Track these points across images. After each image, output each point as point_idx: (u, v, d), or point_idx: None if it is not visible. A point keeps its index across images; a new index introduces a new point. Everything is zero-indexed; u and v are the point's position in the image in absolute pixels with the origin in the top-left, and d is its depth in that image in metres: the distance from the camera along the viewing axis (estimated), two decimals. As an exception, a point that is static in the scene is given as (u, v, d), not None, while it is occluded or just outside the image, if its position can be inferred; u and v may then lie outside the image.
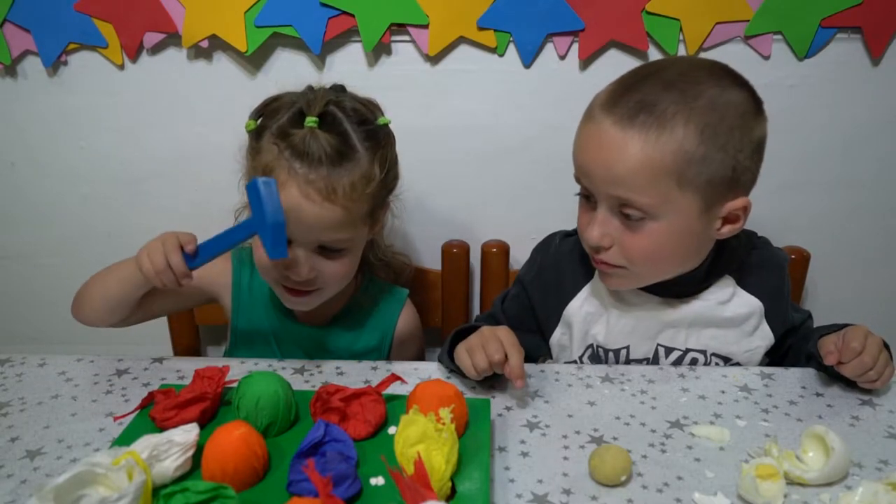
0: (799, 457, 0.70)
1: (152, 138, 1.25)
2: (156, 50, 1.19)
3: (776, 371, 0.89)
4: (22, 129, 1.26)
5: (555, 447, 0.74)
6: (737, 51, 1.14)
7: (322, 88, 0.93)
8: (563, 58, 1.17)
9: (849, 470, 0.69)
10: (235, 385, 0.75)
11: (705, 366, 0.92)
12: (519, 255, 1.21)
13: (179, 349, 1.30)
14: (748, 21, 1.12)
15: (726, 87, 0.79)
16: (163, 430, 0.69)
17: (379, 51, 1.17)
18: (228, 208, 1.05)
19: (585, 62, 1.17)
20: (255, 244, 0.92)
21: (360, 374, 0.88)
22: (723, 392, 0.84)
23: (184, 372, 0.89)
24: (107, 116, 1.24)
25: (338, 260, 0.92)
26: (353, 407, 0.73)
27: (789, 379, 0.87)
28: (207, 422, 0.74)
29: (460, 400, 0.72)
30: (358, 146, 0.88)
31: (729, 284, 0.92)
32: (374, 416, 0.72)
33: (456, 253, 1.24)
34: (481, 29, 1.14)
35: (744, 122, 0.79)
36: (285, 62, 1.18)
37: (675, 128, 0.76)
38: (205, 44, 1.16)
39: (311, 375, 0.88)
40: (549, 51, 1.16)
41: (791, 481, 0.67)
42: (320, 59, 1.18)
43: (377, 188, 0.90)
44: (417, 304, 1.13)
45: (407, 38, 1.16)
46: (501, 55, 1.17)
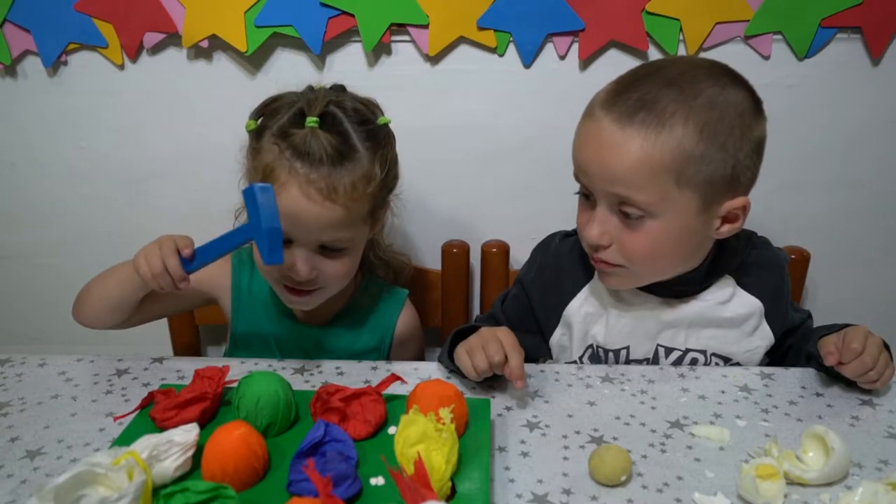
0: (799, 457, 0.70)
1: (152, 138, 1.25)
2: (156, 50, 1.19)
3: (776, 371, 0.89)
4: (22, 129, 1.26)
5: (555, 447, 0.74)
6: (737, 51, 1.14)
7: (322, 88, 0.93)
8: (563, 58, 1.17)
9: (849, 470, 0.69)
10: (235, 385, 0.75)
11: (705, 366, 0.92)
12: (519, 255, 1.21)
13: (179, 349, 1.30)
14: (748, 21, 1.12)
15: (725, 87, 0.79)
16: (163, 430, 0.69)
17: (379, 51, 1.17)
18: (228, 208, 1.05)
19: (585, 62, 1.17)
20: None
21: (360, 374, 0.88)
22: (723, 392, 0.84)
23: (184, 372, 0.89)
24: (107, 116, 1.24)
25: (338, 259, 0.92)
26: (353, 407, 0.73)
27: (789, 379, 0.87)
28: (207, 422, 0.74)
29: (460, 400, 0.72)
30: (358, 146, 0.88)
31: (729, 284, 0.92)
32: (374, 416, 0.72)
33: (456, 253, 1.24)
34: (481, 29, 1.14)
35: (743, 122, 0.79)
36: (285, 62, 1.18)
37: (675, 126, 0.76)
38: (205, 44, 1.16)
39: (311, 375, 0.88)
40: (549, 51, 1.16)
41: (791, 481, 0.67)
42: (320, 59, 1.18)
43: (378, 188, 0.90)
44: (417, 304, 1.13)
45: (407, 38, 1.16)
46: (501, 55, 1.17)
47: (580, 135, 0.84)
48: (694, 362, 0.93)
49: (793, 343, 0.97)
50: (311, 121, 0.86)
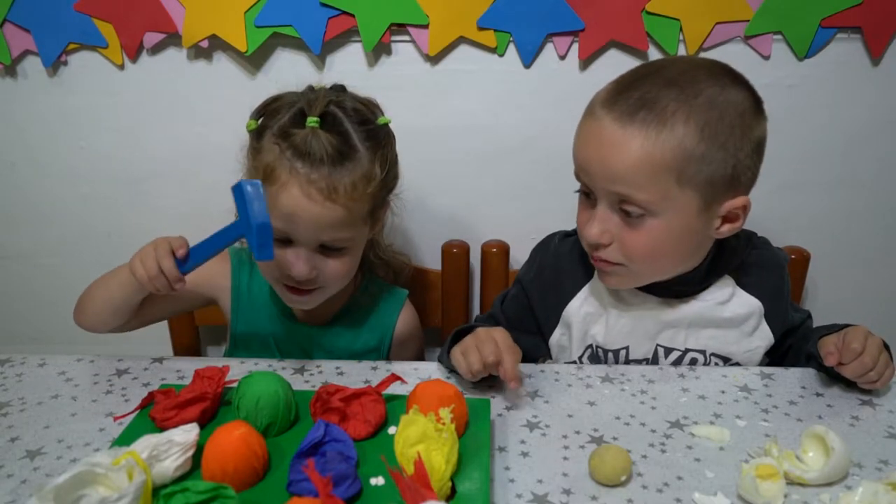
0: (799, 457, 0.70)
1: (152, 138, 1.25)
2: (156, 50, 1.19)
3: (776, 371, 0.89)
4: (22, 129, 1.26)
5: (555, 447, 0.74)
6: (737, 51, 1.14)
7: (323, 88, 0.93)
8: (563, 58, 1.17)
9: (849, 470, 0.69)
10: (235, 385, 0.75)
11: (705, 366, 0.92)
12: (519, 255, 1.21)
13: (179, 349, 1.30)
14: (748, 21, 1.12)
15: (726, 86, 0.79)
16: (163, 430, 0.69)
17: (379, 51, 1.17)
18: (228, 208, 1.04)
19: (585, 62, 1.17)
20: None
21: (360, 374, 0.88)
22: (723, 392, 0.84)
23: (184, 372, 0.89)
24: (107, 116, 1.24)
25: (338, 259, 0.92)
26: (353, 407, 0.73)
27: (789, 379, 0.87)
28: (207, 422, 0.74)
29: (460, 400, 0.72)
30: (359, 146, 0.88)
31: (728, 284, 0.92)
32: (374, 416, 0.72)
33: (456, 253, 1.24)
34: (481, 29, 1.14)
35: (743, 121, 0.79)
36: (285, 62, 1.18)
37: (676, 125, 0.76)
38: (205, 44, 1.16)
39: (311, 375, 0.88)
40: (549, 51, 1.16)
41: (791, 481, 0.67)
42: (320, 59, 1.18)
43: (378, 188, 0.90)
44: (417, 304, 1.13)
45: (407, 38, 1.16)
46: (501, 55, 1.17)
47: (581, 133, 0.85)
48: (693, 362, 0.93)
49: (793, 343, 0.97)
50: (312, 121, 0.86)
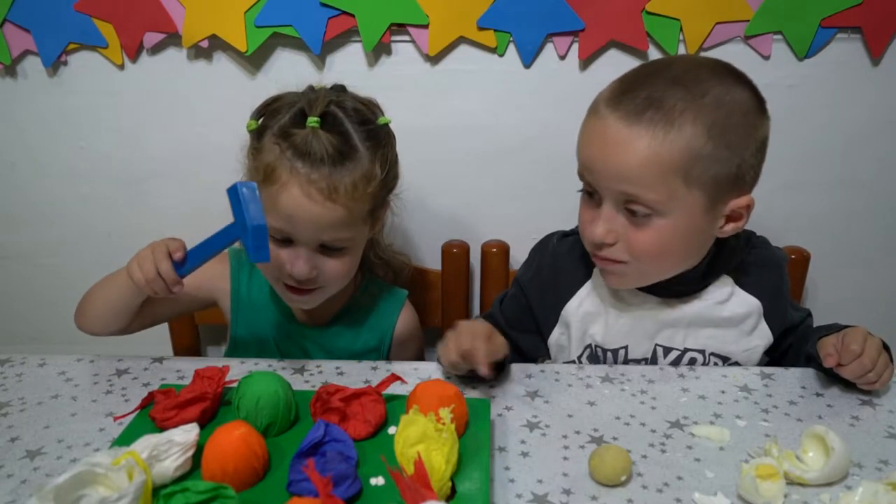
0: (799, 457, 0.70)
1: (152, 138, 1.25)
2: (156, 50, 1.19)
3: (776, 371, 0.89)
4: (22, 129, 1.26)
5: (555, 447, 0.74)
6: (737, 51, 1.14)
7: (323, 88, 0.94)
8: (563, 58, 1.17)
9: (849, 470, 0.69)
10: (235, 385, 0.75)
11: (705, 366, 0.92)
12: (519, 255, 1.21)
13: (179, 349, 1.30)
14: (748, 21, 1.12)
15: (731, 86, 0.80)
16: (163, 430, 0.69)
17: (379, 51, 1.17)
18: (228, 208, 1.04)
19: (585, 62, 1.17)
20: None
21: (360, 374, 0.88)
22: (723, 392, 0.84)
23: (184, 372, 0.89)
24: (107, 116, 1.24)
25: (339, 258, 0.92)
26: (353, 407, 0.73)
27: (789, 379, 0.87)
28: (207, 422, 0.74)
29: (460, 400, 0.72)
30: (359, 146, 0.88)
31: (727, 284, 0.92)
32: (374, 416, 0.72)
33: (456, 253, 1.24)
34: (481, 29, 1.14)
35: (748, 121, 0.79)
36: (285, 62, 1.18)
37: (684, 125, 0.76)
38: (205, 44, 1.16)
39: (311, 375, 0.88)
40: (549, 51, 1.16)
41: (791, 481, 0.67)
42: (320, 59, 1.18)
43: (378, 187, 0.90)
44: (417, 304, 1.13)
45: (407, 38, 1.16)
46: (501, 55, 1.17)
47: (585, 133, 0.84)
48: (692, 362, 0.93)
49: (792, 342, 0.97)
50: (312, 121, 0.86)
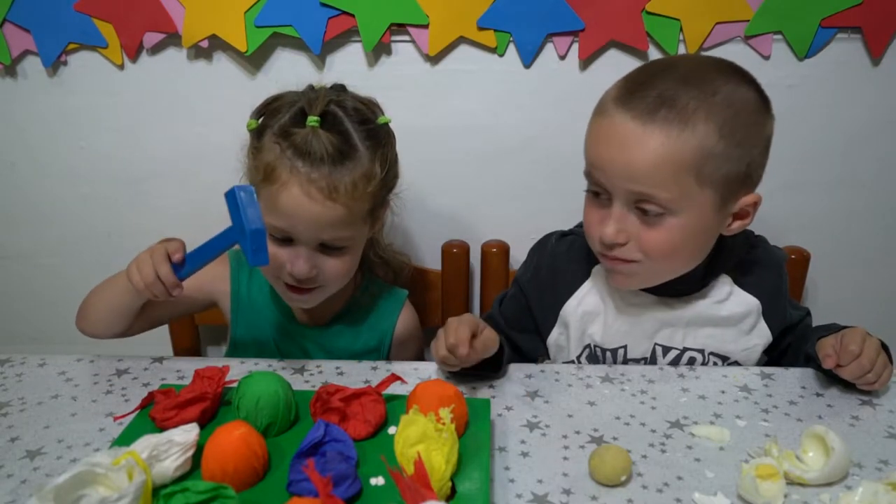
0: (799, 457, 0.70)
1: (152, 138, 1.25)
2: (156, 50, 1.19)
3: (776, 371, 0.89)
4: (22, 129, 1.26)
5: (555, 447, 0.74)
6: (737, 51, 1.14)
7: (323, 88, 0.94)
8: (563, 58, 1.17)
9: (849, 470, 0.69)
10: (235, 385, 0.75)
11: (705, 366, 0.92)
12: (519, 255, 1.21)
13: (179, 350, 1.30)
14: (748, 21, 1.12)
15: (738, 84, 0.80)
16: (163, 430, 0.69)
17: (379, 51, 1.17)
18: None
19: (585, 62, 1.17)
20: None
21: (360, 374, 0.88)
22: (723, 392, 0.84)
23: (184, 372, 0.89)
24: (107, 116, 1.24)
25: (339, 258, 0.92)
26: (353, 407, 0.73)
27: (789, 379, 0.87)
28: (207, 422, 0.74)
29: (460, 400, 0.72)
30: (359, 145, 0.88)
31: (726, 283, 0.92)
32: (374, 416, 0.72)
33: (456, 253, 1.24)
34: (481, 29, 1.14)
35: (756, 119, 0.80)
36: (285, 62, 1.18)
37: (697, 124, 0.76)
38: (205, 44, 1.16)
39: (311, 375, 0.88)
40: (549, 51, 1.16)
41: (791, 481, 0.67)
42: (320, 59, 1.18)
43: (378, 187, 0.90)
44: (417, 304, 1.13)
45: (407, 38, 1.16)
46: (501, 55, 1.17)
47: (594, 132, 0.83)
48: (692, 361, 0.93)
49: (791, 341, 0.97)
50: (312, 120, 0.86)
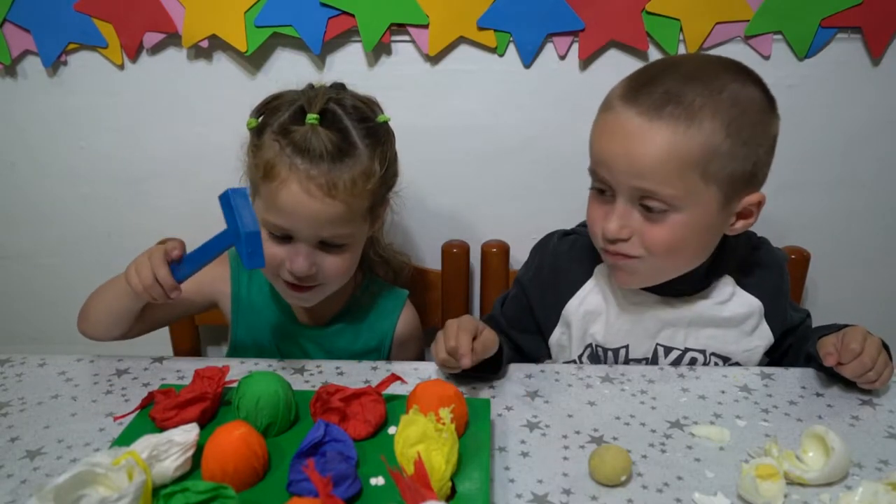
0: (799, 457, 0.70)
1: (152, 138, 1.25)
2: (156, 50, 1.19)
3: (776, 371, 0.89)
4: (22, 129, 1.26)
5: (555, 447, 0.74)
6: (737, 51, 1.14)
7: (322, 86, 0.94)
8: (563, 58, 1.17)
9: (849, 470, 0.69)
10: (235, 385, 0.75)
11: (705, 366, 0.92)
12: (519, 255, 1.21)
13: (180, 350, 1.30)
14: (748, 21, 1.12)
15: (745, 83, 0.80)
16: (163, 430, 0.69)
17: (379, 51, 1.17)
18: (228, 209, 1.05)
19: (585, 62, 1.17)
20: None
21: (360, 374, 0.88)
22: (723, 392, 0.84)
23: (184, 372, 0.89)
24: (107, 116, 1.24)
25: (338, 255, 0.92)
26: (353, 407, 0.73)
27: (789, 379, 0.87)
28: (207, 422, 0.74)
29: (460, 400, 0.72)
30: (358, 143, 0.88)
31: (728, 284, 0.92)
32: (374, 416, 0.72)
33: (456, 253, 1.24)
34: (481, 29, 1.14)
35: (763, 118, 0.80)
36: (285, 62, 1.18)
37: (704, 120, 0.77)
38: (205, 44, 1.16)
39: (311, 375, 0.88)
40: (549, 51, 1.16)
41: (791, 481, 0.67)
42: (320, 59, 1.18)
43: (377, 185, 0.90)
44: (417, 304, 1.13)
45: (407, 38, 1.16)
46: (501, 55, 1.17)
47: (600, 129, 0.84)
48: (693, 362, 0.93)
49: (792, 343, 0.97)
50: (312, 118, 0.86)
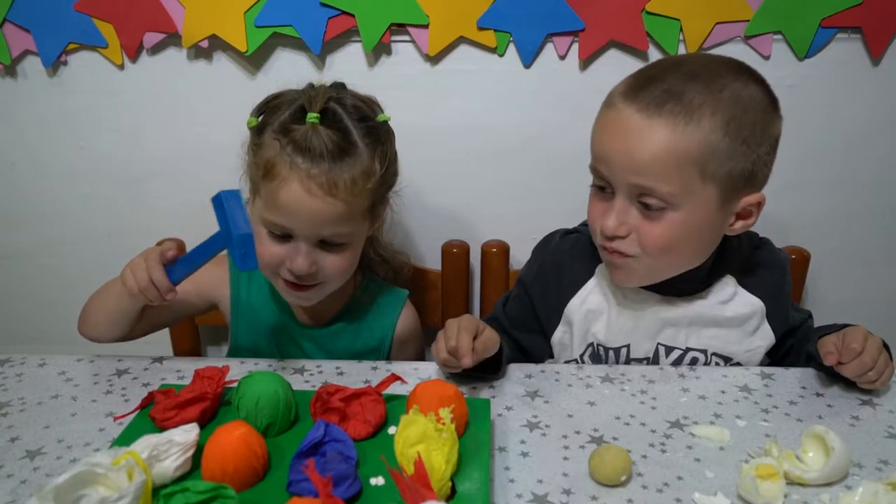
0: (799, 457, 0.70)
1: (152, 138, 1.25)
2: (156, 50, 1.19)
3: (776, 371, 0.89)
4: (22, 129, 1.26)
5: (555, 447, 0.74)
6: (737, 51, 1.14)
7: (323, 86, 0.94)
8: (563, 58, 1.17)
9: (849, 470, 0.69)
10: (235, 385, 0.75)
11: (705, 366, 0.92)
12: (519, 255, 1.21)
13: (180, 350, 1.30)
14: (748, 21, 1.12)
15: (747, 82, 0.80)
16: (163, 430, 0.69)
17: (379, 51, 1.17)
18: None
19: (585, 62, 1.17)
20: (257, 238, 0.92)
21: (360, 374, 0.88)
22: (723, 392, 0.84)
23: (184, 372, 0.89)
24: (107, 116, 1.24)
25: (338, 254, 0.92)
26: (353, 407, 0.73)
27: (789, 379, 0.87)
28: (207, 422, 0.74)
29: (460, 400, 0.72)
30: (358, 142, 0.88)
31: (730, 284, 0.92)
32: (374, 416, 0.72)
33: (456, 253, 1.24)
34: (481, 29, 1.14)
35: (764, 118, 0.80)
36: (285, 62, 1.18)
37: (703, 118, 0.77)
38: (205, 44, 1.16)
39: (311, 375, 0.88)
40: (549, 51, 1.16)
41: (791, 481, 0.67)
42: (320, 59, 1.18)
43: (377, 184, 0.91)
44: (417, 304, 1.13)
45: (407, 38, 1.16)
46: (501, 55, 1.17)
47: (601, 126, 0.84)
48: (694, 362, 0.93)
49: (793, 343, 0.97)
50: (312, 117, 0.86)
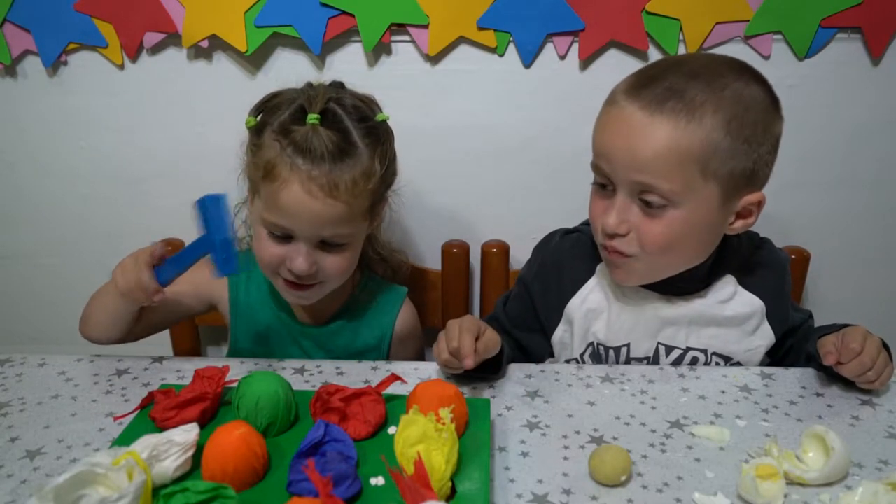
0: (799, 457, 0.70)
1: (152, 138, 1.25)
2: (156, 50, 1.19)
3: (776, 371, 0.89)
4: (22, 129, 1.26)
5: (555, 447, 0.74)
6: (737, 51, 1.14)
7: (322, 85, 0.94)
8: (563, 58, 1.17)
9: (849, 470, 0.69)
10: (235, 385, 0.75)
11: (705, 366, 0.92)
12: (519, 255, 1.21)
13: (179, 350, 1.30)
14: (748, 21, 1.12)
15: (749, 82, 0.80)
16: (163, 430, 0.69)
17: (379, 51, 1.17)
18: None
19: (585, 62, 1.17)
20: (256, 238, 0.92)
21: (360, 374, 0.88)
22: (723, 392, 0.84)
23: (184, 372, 0.89)
24: (107, 116, 1.24)
25: (338, 254, 0.92)
26: (353, 407, 0.73)
27: (789, 379, 0.87)
28: (207, 422, 0.74)
29: (460, 400, 0.72)
30: (359, 143, 0.88)
31: (730, 283, 0.92)
32: (374, 416, 0.72)
33: (456, 253, 1.24)
34: (481, 29, 1.14)
35: (765, 117, 0.80)
36: (285, 62, 1.18)
37: (704, 116, 0.77)
38: (205, 44, 1.16)
39: (311, 375, 0.88)
40: (549, 51, 1.16)
41: (791, 481, 0.67)
42: (320, 59, 1.18)
43: (377, 184, 0.91)
44: (417, 304, 1.13)
45: (407, 38, 1.16)
46: (501, 55, 1.17)
47: (603, 123, 0.84)
48: (694, 361, 0.93)
49: (793, 343, 0.97)
50: (313, 118, 0.86)
